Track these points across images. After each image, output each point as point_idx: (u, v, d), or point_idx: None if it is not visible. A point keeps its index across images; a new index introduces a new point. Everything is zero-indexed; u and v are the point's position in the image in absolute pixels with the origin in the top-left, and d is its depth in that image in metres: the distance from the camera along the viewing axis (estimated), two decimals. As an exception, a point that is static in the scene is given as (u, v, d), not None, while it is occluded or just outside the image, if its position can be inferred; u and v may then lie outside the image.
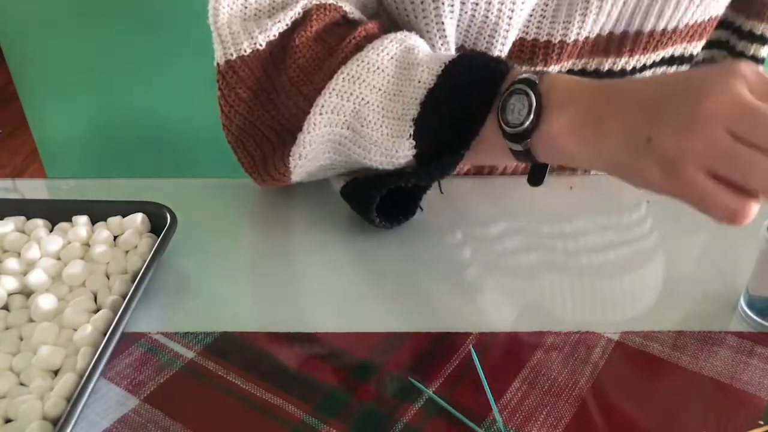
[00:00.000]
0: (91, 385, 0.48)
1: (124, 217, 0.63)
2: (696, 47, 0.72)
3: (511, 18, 0.62)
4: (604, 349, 0.53)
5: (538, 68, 0.67)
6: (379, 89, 0.57)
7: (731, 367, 0.51)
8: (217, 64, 0.62)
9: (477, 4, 0.61)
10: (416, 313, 0.56)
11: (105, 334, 0.52)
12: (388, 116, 0.56)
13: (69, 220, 0.64)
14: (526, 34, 0.65)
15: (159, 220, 0.63)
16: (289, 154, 0.60)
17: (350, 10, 0.62)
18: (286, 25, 0.61)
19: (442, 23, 0.61)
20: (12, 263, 0.59)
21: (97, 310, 0.55)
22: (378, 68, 0.57)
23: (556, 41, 0.65)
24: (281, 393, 0.50)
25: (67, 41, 1.40)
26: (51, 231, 0.63)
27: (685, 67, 0.73)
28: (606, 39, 0.67)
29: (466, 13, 0.62)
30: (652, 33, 0.67)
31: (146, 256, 0.59)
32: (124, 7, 1.21)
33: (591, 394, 0.49)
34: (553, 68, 0.68)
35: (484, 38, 0.64)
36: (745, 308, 0.55)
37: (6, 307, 0.56)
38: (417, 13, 0.62)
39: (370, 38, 0.59)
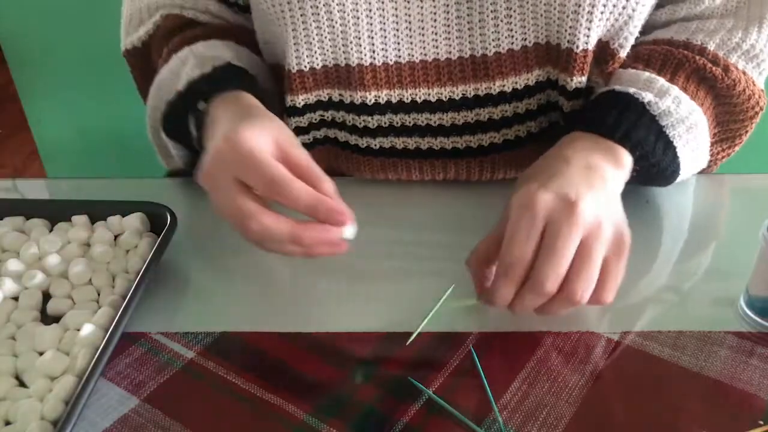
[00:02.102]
0: (91, 386, 0.48)
1: (124, 217, 0.63)
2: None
3: (371, 31, 0.63)
4: (604, 349, 0.53)
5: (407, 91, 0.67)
6: (168, 95, 0.67)
7: (731, 367, 0.51)
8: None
9: (331, 13, 0.62)
10: (417, 313, 0.56)
11: (105, 334, 0.52)
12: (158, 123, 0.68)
13: (69, 220, 0.64)
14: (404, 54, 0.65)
15: (159, 220, 0.63)
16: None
17: (195, 15, 0.74)
18: (152, 29, 0.75)
19: (305, 30, 0.64)
20: (12, 263, 0.59)
21: (98, 310, 0.55)
22: (169, 79, 0.67)
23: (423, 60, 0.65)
24: (281, 393, 0.50)
25: (67, 41, 1.40)
26: (51, 231, 0.63)
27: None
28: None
29: (322, 24, 0.63)
30: None
31: (146, 256, 0.59)
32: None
33: (591, 394, 0.49)
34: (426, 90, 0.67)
35: (352, 51, 0.64)
36: (745, 308, 0.55)
37: (10, 304, 0.56)
38: (282, 21, 0.64)
39: (196, 38, 0.69)
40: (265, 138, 0.52)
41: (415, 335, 0.54)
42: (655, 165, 0.60)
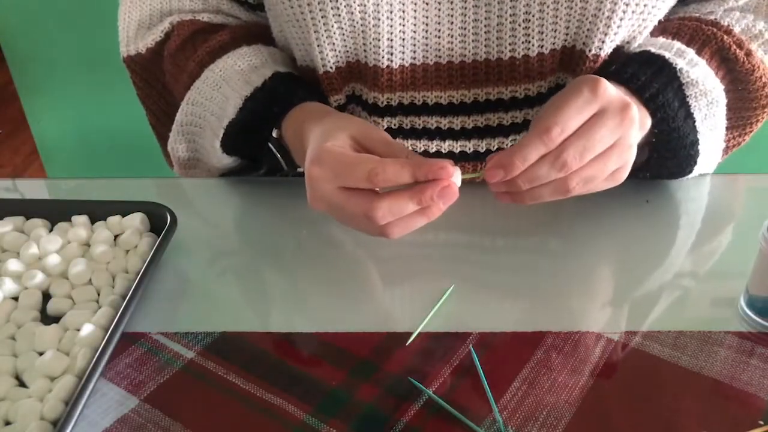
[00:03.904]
0: (91, 386, 0.48)
1: (124, 217, 0.63)
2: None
3: (391, 33, 0.63)
4: (604, 349, 0.53)
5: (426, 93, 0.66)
6: (211, 113, 0.69)
7: (731, 367, 0.51)
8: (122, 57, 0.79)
9: (352, 14, 0.62)
10: (417, 313, 0.56)
11: (105, 334, 0.52)
12: (210, 133, 0.69)
13: (69, 220, 0.64)
14: (434, 56, 0.65)
15: (159, 220, 0.63)
16: (166, 145, 0.75)
17: (209, 18, 0.74)
18: (160, 36, 0.74)
19: (326, 30, 0.63)
20: (12, 263, 0.59)
21: (98, 310, 0.55)
22: (210, 95, 0.68)
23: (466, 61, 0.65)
24: (281, 393, 0.50)
25: (67, 41, 1.40)
26: (51, 231, 0.63)
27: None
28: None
29: (343, 25, 0.62)
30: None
31: (146, 255, 0.59)
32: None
33: (591, 394, 0.49)
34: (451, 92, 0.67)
35: (369, 52, 0.64)
36: (745, 308, 0.55)
37: (10, 304, 0.56)
38: (299, 21, 0.64)
39: (224, 48, 0.69)
40: (342, 140, 0.54)
41: (415, 335, 0.54)
42: (675, 130, 0.60)
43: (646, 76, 0.59)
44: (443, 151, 0.69)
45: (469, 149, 0.69)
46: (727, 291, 0.57)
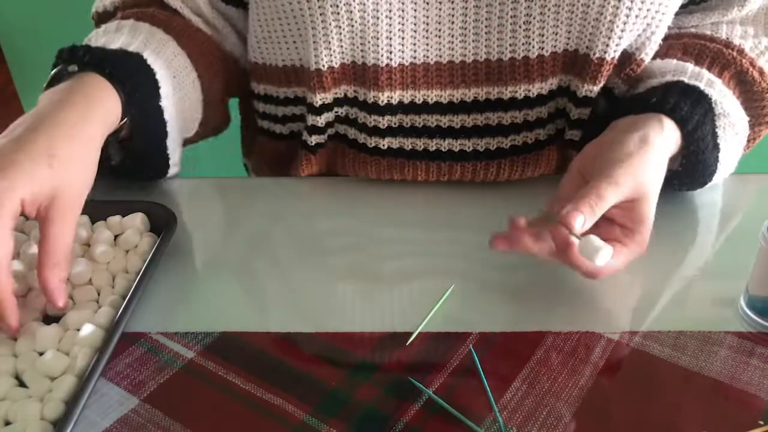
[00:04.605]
0: (91, 386, 0.48)
1: (124, 217, 0.63)
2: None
3: (390, 32, 0.63)
4: (604, 349, 0.53)
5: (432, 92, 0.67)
6: None
7: (731, 367, 0.51)
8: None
9: (351, 12, 0.62)
10: (417, 313, 0.56)
11: (105, 334, 0.52)
12: None
13: (69, 220, 0.64)
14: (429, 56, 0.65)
15: (159, 220, 0.63)
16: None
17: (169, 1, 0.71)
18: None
19: (324, 29, 0.63)
20: (12, 264, 0.59)
21: (98, 310, 0.55)
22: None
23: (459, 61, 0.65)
24: (281, 393, 0.50)
25: (67, 41, 1.40)
26: (51, 231, 0.63)
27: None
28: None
29: (342, 23, 0.63)
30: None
31: (146, 255, 0.59)
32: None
33: (591, 394, 0.50)
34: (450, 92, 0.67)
35: (369, 50, 0.64)
36: (745, 308, 0.55)
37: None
38: (301, 20, 0.64)
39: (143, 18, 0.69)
40: (19, 192, 0.51)
41: (415, 335, 0.54)
42: (701, 162, 0.61)
43: (687, 107, 0.59)
44: (443, 150, 0.69)
45: (469, 148, 0.69)
46: (727, 291, 0.57)
